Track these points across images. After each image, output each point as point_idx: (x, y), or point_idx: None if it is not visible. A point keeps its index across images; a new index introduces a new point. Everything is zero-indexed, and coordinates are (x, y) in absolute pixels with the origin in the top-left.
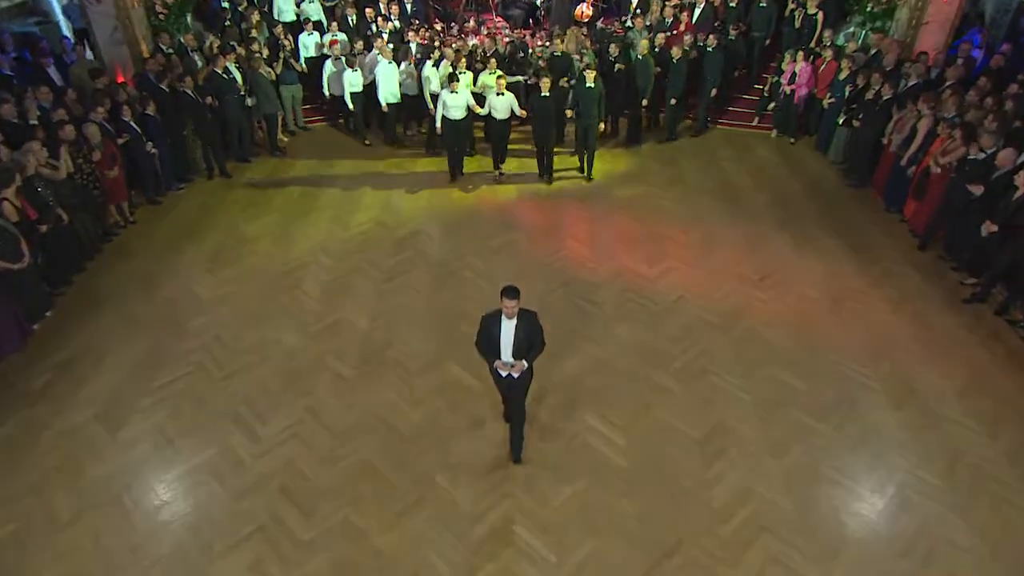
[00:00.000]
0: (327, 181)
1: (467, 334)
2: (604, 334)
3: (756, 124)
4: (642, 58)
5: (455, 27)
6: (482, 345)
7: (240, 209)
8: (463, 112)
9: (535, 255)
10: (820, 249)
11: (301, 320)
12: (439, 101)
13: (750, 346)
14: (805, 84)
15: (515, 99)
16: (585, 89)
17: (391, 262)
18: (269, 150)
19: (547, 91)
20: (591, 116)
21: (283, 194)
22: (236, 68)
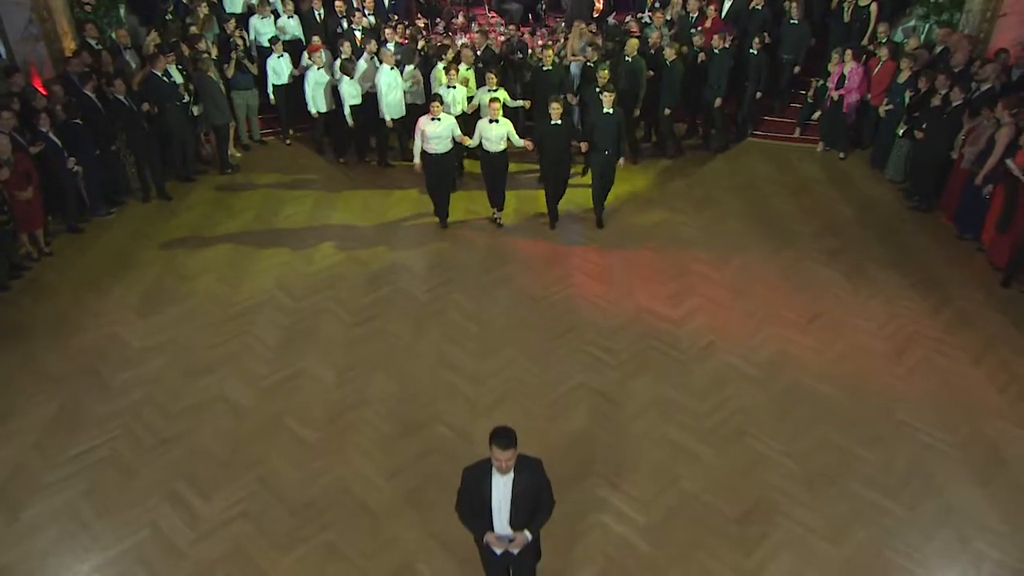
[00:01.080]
0: (288, 204)
1: (454, 388)
2: (619, 388)
3: (799, 136)
4: (631, 60)
5: (441, 24)
6: (465, 511)
7: (181, 239)
8: (447, 144)
9: (536, 292)
10: (879, 285)
11: (253, 373)
12: (416, 130)
13: (796, 403)
14: (856, 89)
15: (512, 127)
16: (602, 116)
17: (364, 302)
18: (218, 167)
19: (559, 118)
20: (610, 150)
21: (234, 220)
22: (179, 70)
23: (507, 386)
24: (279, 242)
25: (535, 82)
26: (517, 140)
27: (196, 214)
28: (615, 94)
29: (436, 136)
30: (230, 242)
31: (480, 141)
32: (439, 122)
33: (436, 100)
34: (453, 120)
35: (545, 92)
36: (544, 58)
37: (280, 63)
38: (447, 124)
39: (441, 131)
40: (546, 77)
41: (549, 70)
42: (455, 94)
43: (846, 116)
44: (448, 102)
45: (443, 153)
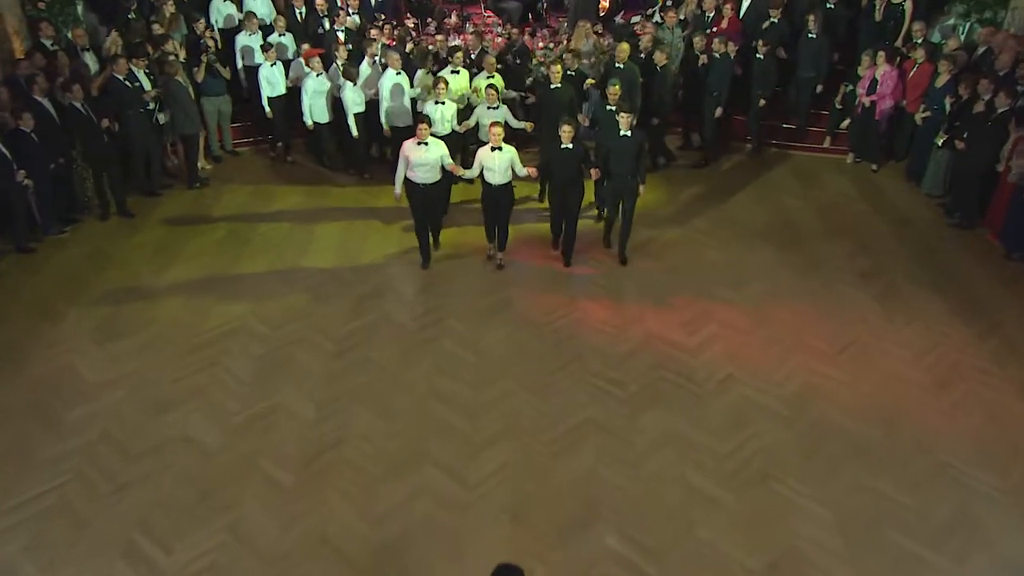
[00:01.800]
0: (263, 221)
1: (446, 424)
2: (628, 424)
3: (827, 146)
4: (623, 67)
5: (432, 24)
6: None
7: (144, 259)
8: (435, 173)
9: (537, 318)
10: (916, 311)
11: (223, 408)
12: (400, 155)
13: (826, 442)
14: (890, 94)
15: (516, 154)
16: (618, 140)
17: (346, 329)
18: (186, 181)
19: (569, 141)
20: (629, 176)
21: (203, 239)
22: (145, 74)
23: (505, 421)
24: (252, 262)
25: (541, 100)
26: (521, 168)
27: (161, 233)
28: (632, 114)
29: (422, 163)
30: (199, 263)
31: (480, 172)
32: (426, 147)
33: (423, 121)
34: (443, 147)
35: (553, 112)
36: (552, 75)
37: (274, 72)
38: (435, 150)
39: (428, 158)
40: (554, 96)
41: (558, 88)
42: (443, 111)
43: (878, 124)
44: (435, 119)
45: (430, 184)
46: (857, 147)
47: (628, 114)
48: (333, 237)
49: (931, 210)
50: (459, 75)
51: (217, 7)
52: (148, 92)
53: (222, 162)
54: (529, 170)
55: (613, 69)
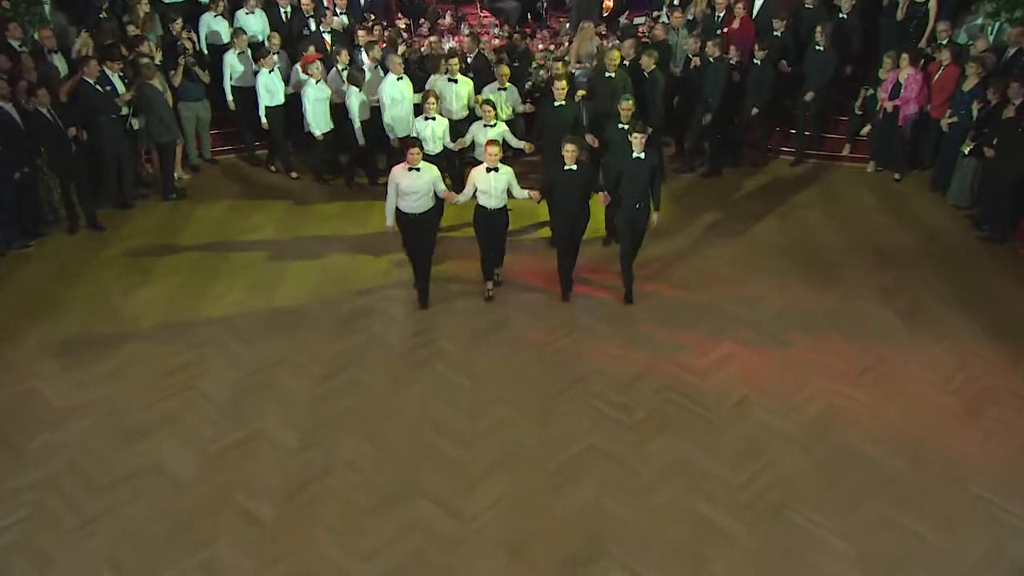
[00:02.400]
0: (243, 235)
1: (440, 453)
2: (634, 451)
3: (847, 154)
4: (614, 76)
5: (425, 25)
6: None
7: (115, 276)
8: (427, 201)
9: (537, 338)
10: (944, 330)
11: (198, 436)
12: (389, 182)
13: (847, 472)
14: (914, 98)
15: (513, 175)
16: (631, 161)
17: (332, 350)
18: (162, 191)
19: (574, 162)
20: (641, 203)
21: (179, 254)
22: (119, 77)
23: (503, 450)
24: (232, 279)
25: (544, 118)
26: (520, 192)
27: (134, 247)
28: (647, 133)
29: (413, 191)
30: (173, 280)
31: (474, 194)
32: (417, 173)
33: (414, 145)
34: (435, 171)
35: (557, 131)
36: (555, 91)
37: (273, 79)
38: (427, 176)
39: (419, 185)
40: (558, 114)
41: (562, 106)
42: (434, 128)
43: (902, 131)
44: (426, 137)
45: (421, 213)
46: (879, 155)
47: (642, 133)
48: (318, 252)
49: (958, 222)
50: (458, 84)
51: (207, 22)
52: (122, 96)
53: (200, 172)
54: (530, 193)
55: (602, 78)
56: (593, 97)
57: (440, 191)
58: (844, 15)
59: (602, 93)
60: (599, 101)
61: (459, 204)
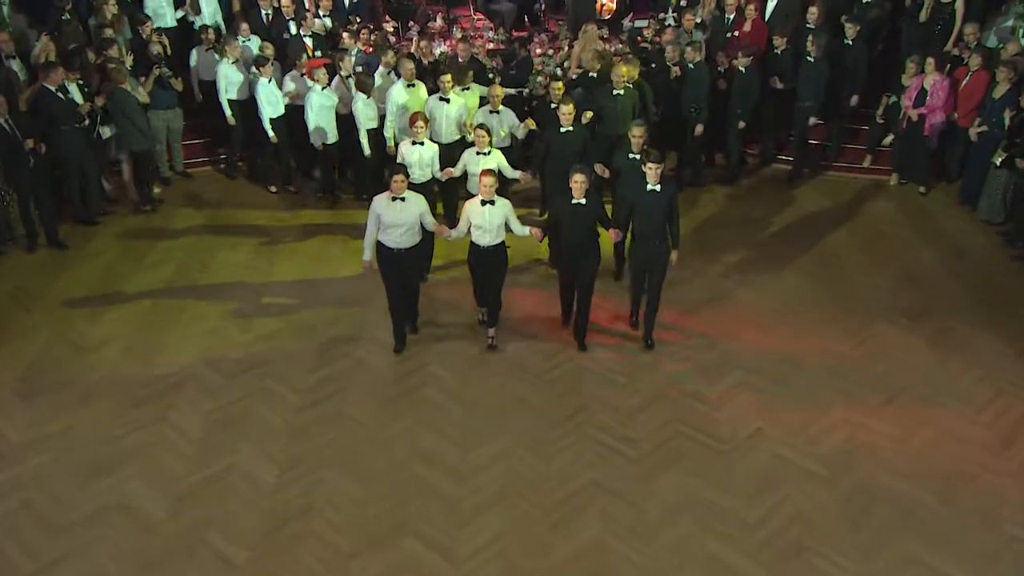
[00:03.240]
0: (217, 253)
1: (430, 488)
2: (640, 487)
3: (868, 166)
4: (622, 94)
5: (415, 27)
6: None
7: (79, 298)
8: (413, 236)
9: (536, 364)
10: (975, 355)
11: (168, 472)
12: (370, 216)
13: (871, 509)
14: (940, 106)
15: (511, 209)
16: (646, 194)
17: (313, 379)
18: (135, 204)
19: (582, 195)
20: (657, 239)
21: (148, 274)
22: (79, 86)
23: (499, 484)
24: (206, 303)
25: (549, 145)
26: (520, 228)
27: (99, 267)
28: (663, 164)
29: (397, 224)
30: (143, 303)
31: (468, 230)
32: (402, 204)
33: (398, 173)
34: (422, 202)
35: (563, 160)
36: (562, 116)
37: (272, 89)
38: (413, 207)
39: (405, 217)
40: (564, 141)
41: (569, 132)
42: (422, 153)
43: (927, 141)
44: (413, 163)
45: (406, 248)
46: (902, 167)
47: (656, 164)
48: (299, 272)
49: (989, 239)
50: (449, 104)
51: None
52: (82, 106)
53: (171, 185)
54: (531, 230)
55: (610, 97)
56: (600, 119)
57: (429, 224)
58: (849, 42)
59: (610, 115)
60: (607, 123)
61: (451, 240)
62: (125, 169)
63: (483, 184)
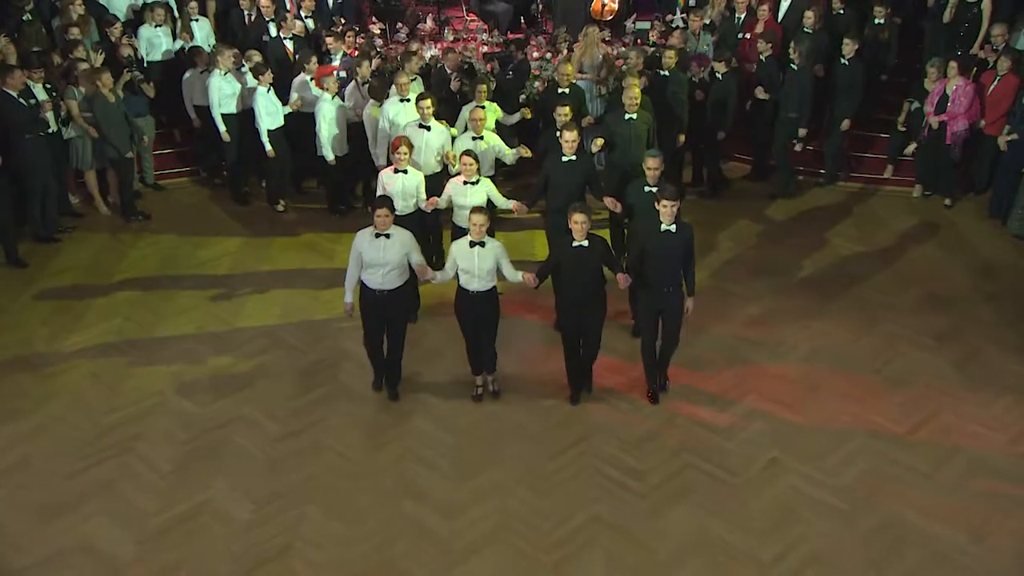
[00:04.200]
0: (190, 272)
1: (419, 526)
2: (647, 523)
3: (889, 176)
4: (635, 118)
5: (403, 29)
6: None
7: (39, 320)
8: (399, 276)
9: (533, 389)
10: (1007, 380)
11: (135, 509)
12: (351, 255)
13: (897, 549)
14: (965, 113)
15: (504, 250)
16: (658, 236)
17: (294, 406)
18: (123, 214)
19: (584, 237)
20: (671, 287)
21: (115, 295)
22: (45, 88)
23: (493, 521)
24: (177, 323)
25: (551, 176)
26: (513, 273)
27: (61, 287)
28: (679, 201)
29: (380, 263)
30: (108, 324)
31: (456, 273)
32: (386, 241)
33: (382, 206)
34: (408, 239)
35: (564, 194)
36: (564, 144)
37: (271, 99)
38: (398, 244)
39: (389, 256)
40: (569, 173)
41: (572, 161)
42: (405, 183)
43: (951, 149)
44: (395, 193)
45: (390, 290)
46: (926, 178)
47: (672, 201)
48: (278, 292)
49: (1021, 254)
50: (430, 132)
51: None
52: (45, 102)
53: (142, 198)
54: (525, 276)
55: (621, 121)
56: (611, 147)
57: (415, 263)
58: (845, 61)
59: (622, 142)
60: (619, 152)
61: (435, 284)
62: (90, 179)
63: (472, 223)
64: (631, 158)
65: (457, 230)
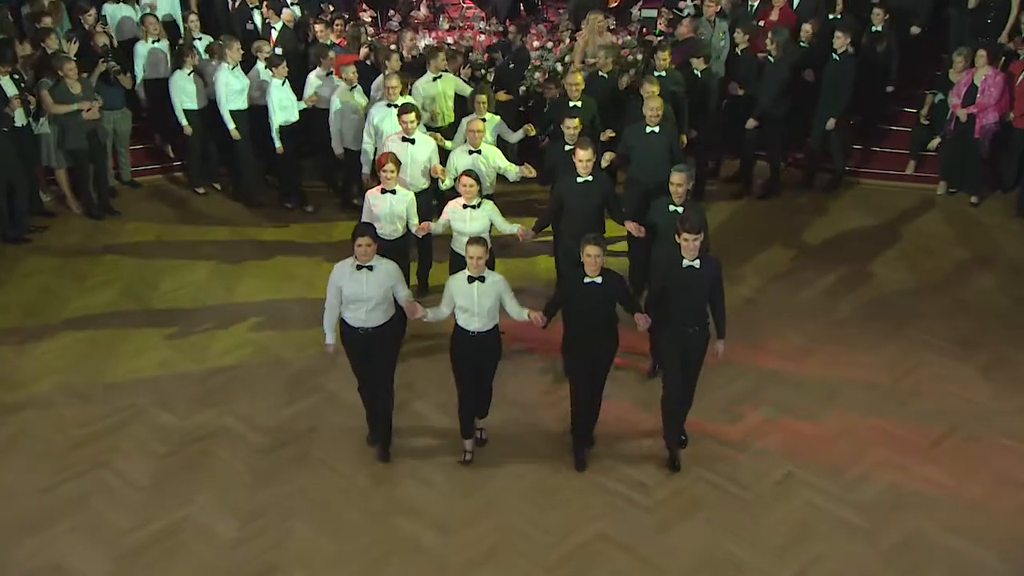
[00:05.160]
0: (171, 274)
1: (412, 542)
2: (654, 540)
3: (911, 173)
4: (658, 131)
5: (396, 17)
6: None
7: (7, 325)
8: (384, 311)
9: (533, 397)
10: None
11: (110, 527)
12: (330, 284)
13: (921, 567)
14: (993, 105)
15: (506, 285)
16: (682, 273)
17: (280, 416)
18: (87, 212)
19: (597, 273)
20: (697, 327)
21: (88, 298)
22: (14, 80)
23: (492, 538)
24: (156, 330)
25: (561, 199)
26: (518, 310)
27: (31, 290)
28: (704, 232)
29: (363, 299)
30: (82, 331)
31: (452, 311)
32: (369, 273)
33: (363, 235)
34: (393, 271)
35: (579, 218)
36: (578, 163)
37: (285, 92)
38: (383, 276)
39: (371, 290)
40: (581, 194)
41: (587, 182)
42: (393, 204)
43: (979, 144)
44: (382, 216)
45: (373, 328)
46: (951, 174)
47: (695, 235)
48: (264, 293)
49: None
50: (415, 144)
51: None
52: (14, 97)
53: (118, 196)
54: (531, 314)
55: (642, 134)
56: (630, 162)
57: (402, 299)
58: (836, 56)
59: (643, 156)
60: (639, 168)
61: (427, 322)
62: (61, 176)
63: (470, 257)
64: (653, 174)
65: (456, 257)
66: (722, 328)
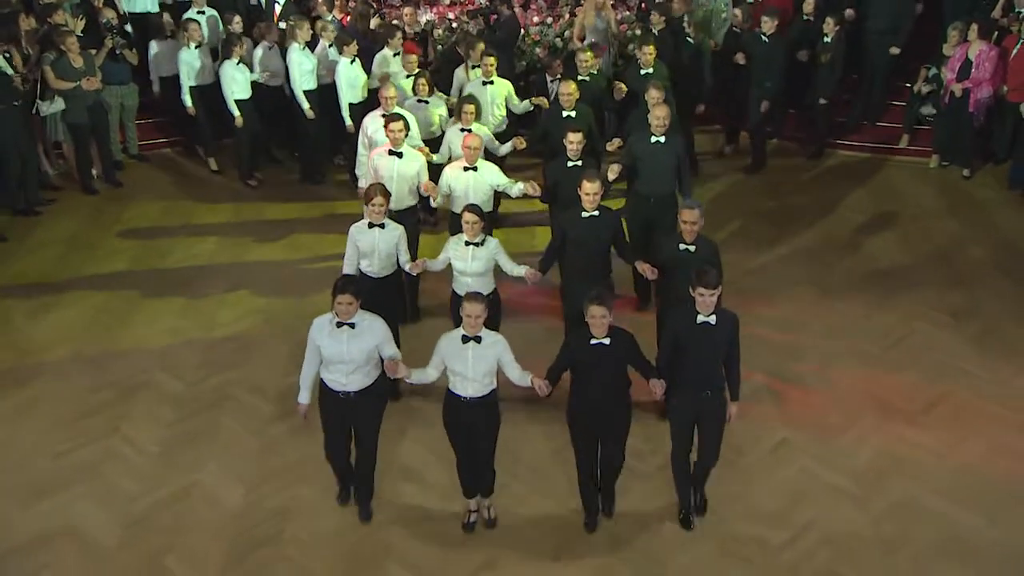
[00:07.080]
0: (178, 245)
1: (418, 509)
2: (652, 506)
3: (905, 146)
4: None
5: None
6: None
7: (19, 296)
8: (367, 373)
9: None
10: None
11: (120, 492)
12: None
13: (911, 532)
14: (988, 80)
15: (506, 346)
16: (695, 329)
17: (287, 384)
18: (82, 185)
19: (605, 334)
20: (711, 389)
21: (98, 268)
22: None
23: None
24: (166, 299)
25: (564, 232)
26: (520, 375)
27: (43, 260)
28: (718, 288)
29: (342, 360)
30: (92, 301)
31: (445, 372)
32: (351, 332)
33: (345, 291)
34: (380, 329)
35: (587, 256)
36: (585, 198)
37: (354, 71)
38: (367, 337)
39: (353, 350)
40: (589, 228)
41: (595, 217)
42: (379, 237)
43: (972, 118)
44: (367, 252)
45: (355, 392)
46: (944, 147)
47: (712, 290)
48: (269, 265)
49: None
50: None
51: None
52: (16, 76)
53: (124, 169)
54: (534, 380)
55: (648, 145)
56: (635, 176)
57: (388, 357)
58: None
59: (647, 168)
60: (644, 182)
61: (413, 384)
62: (68, 151)
63: (467, 315)
64: (656, 187)
65: (457, 302)
66: (736, 390)
